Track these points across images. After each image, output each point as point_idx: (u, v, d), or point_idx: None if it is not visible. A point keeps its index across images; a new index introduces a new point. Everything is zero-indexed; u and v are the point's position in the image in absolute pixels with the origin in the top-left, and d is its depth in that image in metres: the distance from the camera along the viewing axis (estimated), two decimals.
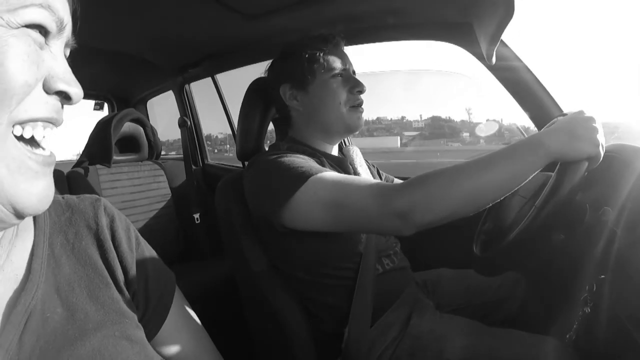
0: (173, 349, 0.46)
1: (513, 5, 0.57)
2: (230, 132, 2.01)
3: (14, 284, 0.34)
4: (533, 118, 0.99)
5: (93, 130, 1.67)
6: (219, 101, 1.97)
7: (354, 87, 0.87)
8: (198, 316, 0.53)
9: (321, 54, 0.87)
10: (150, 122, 1.89)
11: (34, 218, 0.39)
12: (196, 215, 1.78)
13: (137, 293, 0.42)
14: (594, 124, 0.59)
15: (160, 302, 0.45)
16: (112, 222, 0.43)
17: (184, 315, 0.49)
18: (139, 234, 0.46)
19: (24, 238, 0.37)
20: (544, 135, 0.59)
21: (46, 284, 0.35)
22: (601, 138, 0.58)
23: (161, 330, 0.45)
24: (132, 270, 0.42)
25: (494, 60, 0.81)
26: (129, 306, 0.40)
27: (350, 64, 0.92)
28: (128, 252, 0.42)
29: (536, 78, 0.96)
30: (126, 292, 0.41)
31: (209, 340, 0.52)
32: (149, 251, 0.46)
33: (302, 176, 0.70)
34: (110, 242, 0.41)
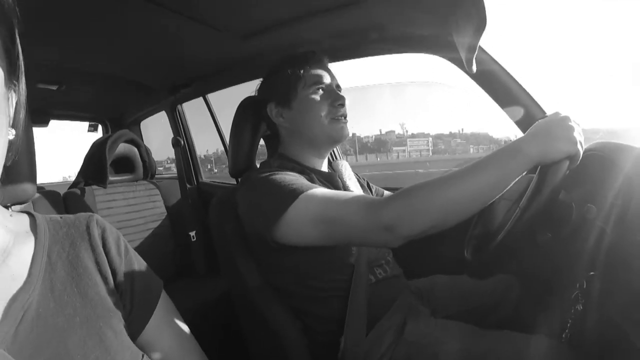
0: (156, 348, 0.48)
1: (485, 15, 0.59)
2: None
3: (11, 283, 0.38)
4: (517, 122, 1.01)
5: (88, 152, 1.68)
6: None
7: (335, 100, 0.90)
8: (195, 334, 0.54)
9: (302, 71, 0.90)
10: (145, 142, 1.90)
11: (35, 232, 0.44)
12: (192, 234, 1.78)
13: (124, 294, 0.46)
14: (569, 123, 0.60)
15: (145, 303, 0.48)
16: (104, 232, 0.47)
17: (169, 319, 0.51)
18: (128, 245, 0.50)
19: (23, 248, 0.41)
20: (522, 141, 0.61)
21: (42, 286, 0.39)
22: (579, 136, 0.60)
23: (145, 330, 0.47)
24: (121, 273, 0.46)
25: (474, 68, 0.84)
26: (116, 304, 0.44)
27: (334, 79, 0.94)
28: (117, 257, 0.47)
29: (517, 82, 0.99)
30: (115, 291, 0.45)
31: (195, 343, 0.54)
32: (138, 259, 0.50)
33: (293, 193, 0.72)
34: (101, 248, 0.46)
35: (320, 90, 0.90)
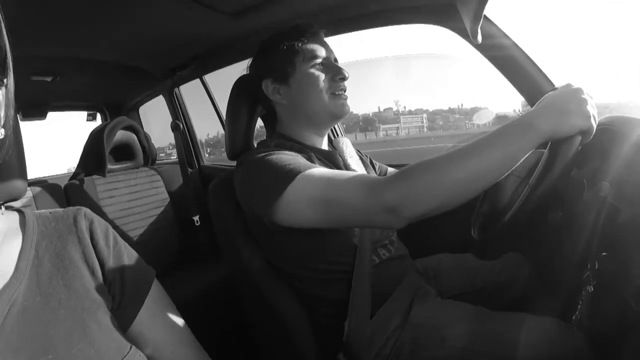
0: (148, 339, 0.48)
1: None
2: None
3: (0, 280, 0.38)
4: (525, 95, 0.97)
5: (86, 142, 1.66)
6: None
7: (336, 74, 0.86)
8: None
9: (299, 45, 0.86)
10: (145, 128, 1.88)
11: (23, 228, 0.44)
12: (195, 218, 1.77)
13: (112, 284, 0.46)
14: (582, 96, 0.56)
15: (136, 294, 0.48)
16: (91, 225, 0.47)
17: (161, 309, 0.51)
18: (118, 236, 0.50)
19: (11, 244, 0.42)
20: (533, 116, 0.57)
21: (29, 280, 0.40)
22: (592, 109, 0.56)
23: (136, 321, 0.47)
24: (109, 264, 0.46)
25: (479, 38, 0.79)
26: (103, 295, 0.44)
27: (332, 52, 0.90)
28: (105, 248, 0.47)
29: (525, 54, 0.94)
30: (102, 283, 0.45)
31: (190, 334, 0.53)
32: (128, 250, 0.50)
33: (290, 174, 0.69)
34: (89, 240, 0.46)
35: (320, 65, 0.86)
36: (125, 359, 0.41)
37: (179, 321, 0.53)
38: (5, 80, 0.39)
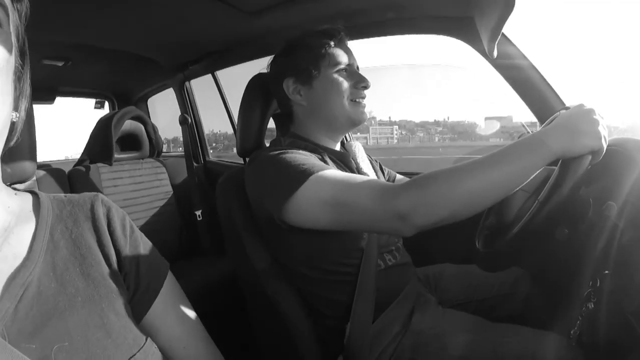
0: (160, 332, 0.48)
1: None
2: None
3: (13, 262, 0.37)
4: (535, 112, 0.98)
5: (94, 129, 1.67)
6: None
7: (359, 82, 0.87)
8: (200, 313, 0.54)
9: (327, 49, 0.87)
10: (152, 119, 1.89)
11: (38, 211, 0.43)
12: (198, 213, 1.78)
13: (128, 274, 0.46)
14: (594, 116, 0.58)
15: (150, 285, 0.48)
16: (109, 212, 0.47)
17: (174, 302, 0.51)
18: (134, 225, 0.50)
19: (25, 227, 0.41)
20: (545, 134, 0.58)
21: (44, 264, 0.39)
22: (603, 130, 0.57)
23: (149, 312, 0.47)
24: (125, 254, 0.46)
25: (495, 54, 0.80)
26: (119, 285, 0.43)
27: (355, 60, 0.91)
28: (122, 237, 0.46)
29: (538, 71, 0.95)
30: (118, 272, 0.44)
31: (202, 328, 0.53)
32: (144, 240, 0.50)
33: (304, 174, 0.69)
34: (106, 228, 0.45)
35: (344, 71, 0.87)
36: (142, 350, 0.40)
37: (192, 314, 0.52)
38: (23, 67, 0.40)
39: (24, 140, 0.49)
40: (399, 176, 1.11)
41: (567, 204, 0.60)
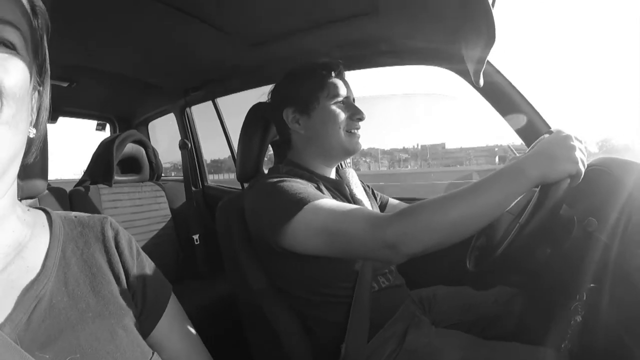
0: (165, 347, 0.49)
1: (494, 31, 0.61)
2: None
3: (26, 275, 0.39)
4: (522, 136, 1.03)
5: (96, 150, 1.70)
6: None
7: (354, 114, 0.91)
8: (197, 333, 0.56)
9: (326, 81, 0.91)
10: (152, 143, 1.92)
11: (50, 227, 0.45)
12: (195, 237, 1.79)
13: (135, 293, 0.47)
14: (571, 142, 0.61)
15: (156, 303, 0.50)
16: (117, 235, 0.49)
17: (178, 321, 0.53)
18: (139, 247, 0.52)
19: (38, 242, 0.42)
20: (525, 163, 0.61)
21: (56, 279, 0.40)
22: (580, 154, 0.60)
23: (154, 331, 0.49)
24: (133, 274, 0.48)
25: (481, 82, 0.85)
26: (128, 302, 0.45)
27: (351, 92, 0.95)
28: (129, 258, 0.48)
29: (523, 96, 1.00)
30: (127, 291, 0.46)
31: (203, 347, 0.55)
32: (149, 262, 0.52)
33: (300, 203, 0.72)
34: (115, 249, 0.47)
35: (342, 103, 0.91)
36: None
37: (194, 333, 0.54)
38: (43, 84, 0.42)
39: (37, 158, 0.52)
40: (393, 200, 1.14)
41: (550, 224, 0.63)
